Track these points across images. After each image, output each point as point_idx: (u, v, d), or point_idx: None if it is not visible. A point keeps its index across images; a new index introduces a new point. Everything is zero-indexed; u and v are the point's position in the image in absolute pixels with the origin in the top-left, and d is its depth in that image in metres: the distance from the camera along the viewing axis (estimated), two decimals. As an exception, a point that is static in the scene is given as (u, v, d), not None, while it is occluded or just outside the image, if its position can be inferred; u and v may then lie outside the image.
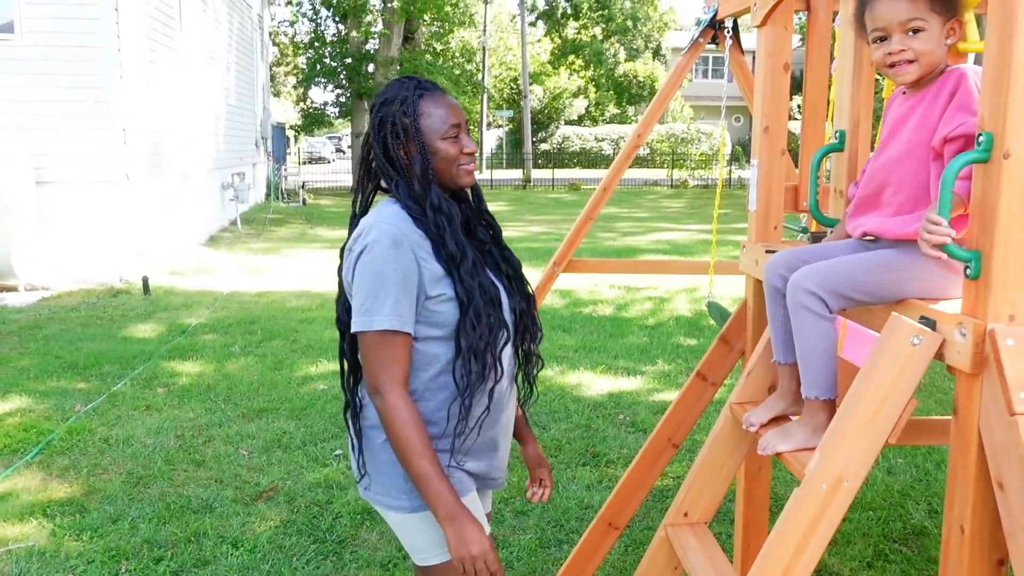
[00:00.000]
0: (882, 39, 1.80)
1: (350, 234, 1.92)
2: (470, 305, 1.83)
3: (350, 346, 1.97)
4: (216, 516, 3.76)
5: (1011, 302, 1.51)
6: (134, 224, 9.64)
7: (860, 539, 3.61)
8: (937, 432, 2.43)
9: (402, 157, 1.87)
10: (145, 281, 9.01)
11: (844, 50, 2.23)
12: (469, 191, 2.01)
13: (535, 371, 2.09)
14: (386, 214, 1.84)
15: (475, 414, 1.89)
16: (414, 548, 1.95)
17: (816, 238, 2.42)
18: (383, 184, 1.95)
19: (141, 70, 10.01)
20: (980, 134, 1.51)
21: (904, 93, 1.89)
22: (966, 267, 1.55)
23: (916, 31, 1.77)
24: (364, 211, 1.94)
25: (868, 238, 1.93)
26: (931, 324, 1.65)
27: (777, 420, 2.06)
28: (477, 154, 1.77)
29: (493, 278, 1.94)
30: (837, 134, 2.22)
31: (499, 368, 1.90)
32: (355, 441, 1.95)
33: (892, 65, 1.80)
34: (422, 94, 1.85)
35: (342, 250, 1.94)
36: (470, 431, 1.89)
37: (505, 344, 1.91)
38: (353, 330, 1.82)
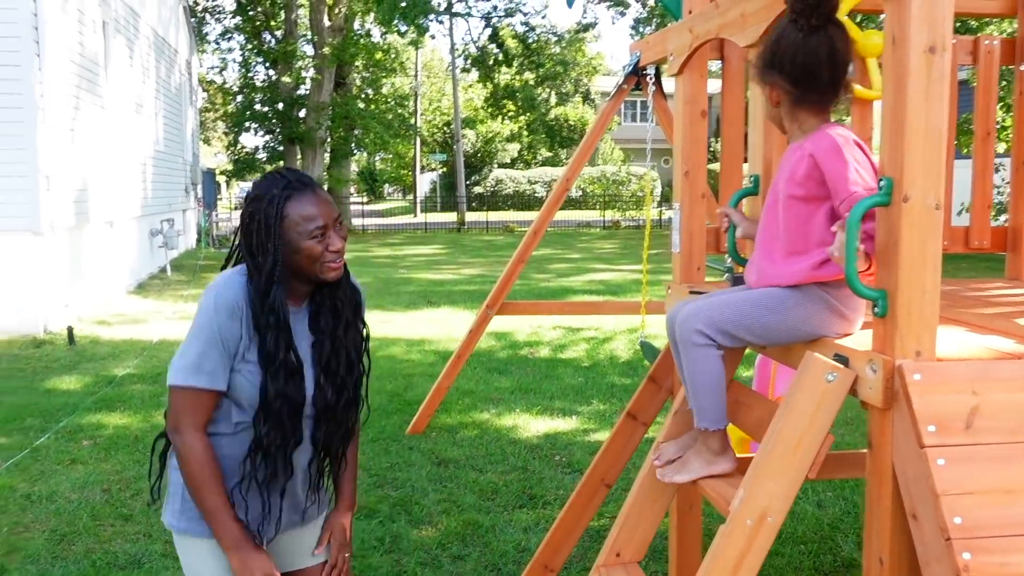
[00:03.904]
0: None
1: None
2: (270, 404, 1.95)
3: None
4: (144, 572, 3.65)
5: (917, 338, 1.59)
6: (58, 273, 9.38)
7: (792, 573, 3.67)
8: (858, 465, 2.51)
9: (261, 253, 1.94)
10: (70, 331, 8.75)
11: (755, 97, 2.33)
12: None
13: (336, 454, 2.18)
14: (232, 282, 1.97)
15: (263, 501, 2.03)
16: (190, 574, 2.06)
17: (737, 280, 2.50)
18: None
19: (65, 118, 9.83)
20: (881, 179, 1.59)
21: None
22: (874, 306, 1.63)
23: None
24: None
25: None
26: (844, 361, 1.72)
27: None
28: (344, 249, 1.97)
29: (305, 376, 2.01)
30: (751, 179, 2.31)
31: (290, 469, 2.03)
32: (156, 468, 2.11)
33: None
34: (289, 195, 1.92)
35: None
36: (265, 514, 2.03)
37: (296, 447, 2.03)
38: (172, 380, 1.97)
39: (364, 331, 2.14)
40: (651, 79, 4.96)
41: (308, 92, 25.45)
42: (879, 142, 1.65)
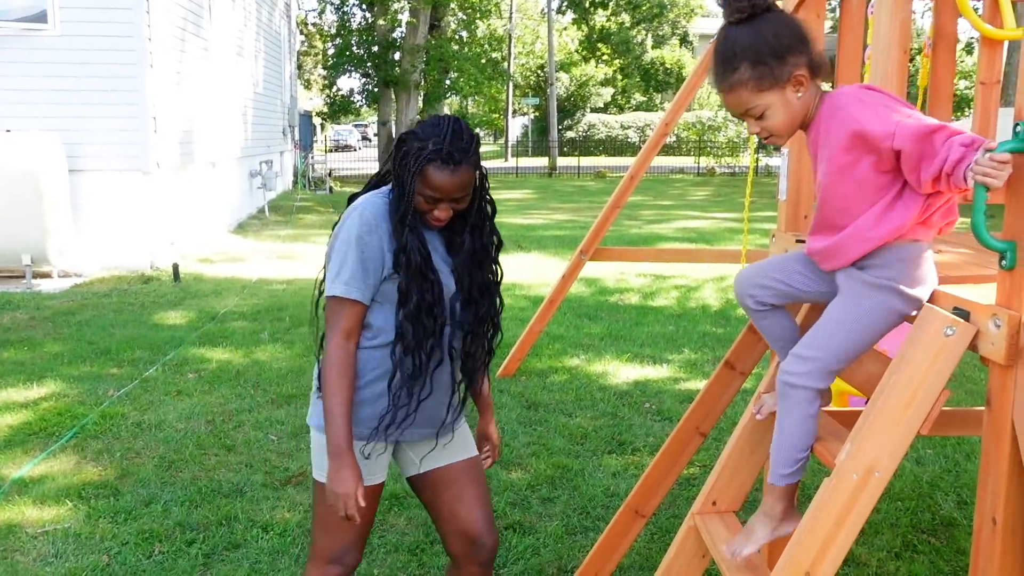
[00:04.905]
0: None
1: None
2: (409, 303, 2.16)
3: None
4: (247, 500, 3.82)
5: (1047, 293, 1.50)
6: (164, 212, 9.74)
7: (888, 530, 3.60)
8: (968, 423, 2.42)
9: (401, 178, 2.17)
10: (175, 268, 9.11)
11: (879, 37, 2.22)
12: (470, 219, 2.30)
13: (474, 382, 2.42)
14: (372, 202, 2.20)
15: (416, 393, 2.22)
16: (314, 463, 2.31)
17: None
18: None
19: (171, 61, 10.10)
20: (1017, 124, 1.50)
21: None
22: (1001, 258, 1.54)
23: (760, 116, 1.81)
24: (369, 189, 2.29)
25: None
26: (964, 315, 1.65)
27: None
28: (452, 216, 2.23)
29: (445, 286, 2.23)
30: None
31: (440, 353, 2.22)
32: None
33: (765, 139, 1.87)
34: (434, 160, 2.10)
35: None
36: (404, 405, 2.21)
37: (438, 339, 2.22)
38: (327, 291, 2.20)
39: (499, 272, 2.40)
40: (757, 19, 4.77)
41: (403, 35, 25.48)
42: (1017, 85, 1.54)
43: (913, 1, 2.35)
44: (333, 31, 28.34)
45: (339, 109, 28.44)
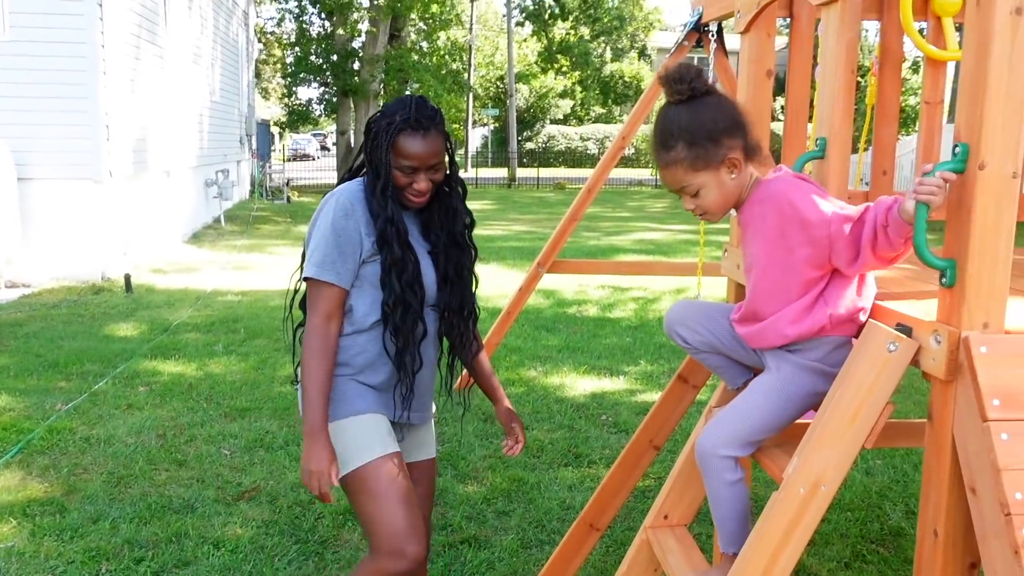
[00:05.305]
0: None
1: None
2: (405, 273, 2.22)
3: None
4: (198, 516, 3.75)
5: (985, 310, 1.54)
6: (117, 221, 9.58)
7: (838, 540, 3.65)
8: (915, 435, 2.46)
9: (375, 162, 2.25)
10: (127, 279, 8.96)
11: (826, 57, 2.26)
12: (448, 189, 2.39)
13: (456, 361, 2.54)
14: (348, 189, 2.26)
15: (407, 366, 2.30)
16: (340, 459, 2.25)
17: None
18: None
19: (125, 67, 9.95)
20: (956, 145, 1.53)
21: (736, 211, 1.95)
22: (941, 275, 1.58)
23: (694, 194, 1.86)
24: (344, 180, 2.36)
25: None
26: (907, 331, 1.68)
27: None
28: (430, 190, 2.28)
29: (423, 266, 2.29)
30: (818, 142, 2.24)
31: (423, 327, 2.30)
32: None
33: (700, 215, 1.92)
34: (403, 128, 2.18)
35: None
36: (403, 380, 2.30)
37: (420, 315, 2.29)
38: (302, 275, 2.27)
39: (472, 250, 2.44)
40: (713, 36, 4.84)
41: (363, 44, 25.38)
42: (956, 106, 1.59)
43: (860, 22, 2.41)
44: (292, 40, 28.15)
45: (298, 118, 28.23)
